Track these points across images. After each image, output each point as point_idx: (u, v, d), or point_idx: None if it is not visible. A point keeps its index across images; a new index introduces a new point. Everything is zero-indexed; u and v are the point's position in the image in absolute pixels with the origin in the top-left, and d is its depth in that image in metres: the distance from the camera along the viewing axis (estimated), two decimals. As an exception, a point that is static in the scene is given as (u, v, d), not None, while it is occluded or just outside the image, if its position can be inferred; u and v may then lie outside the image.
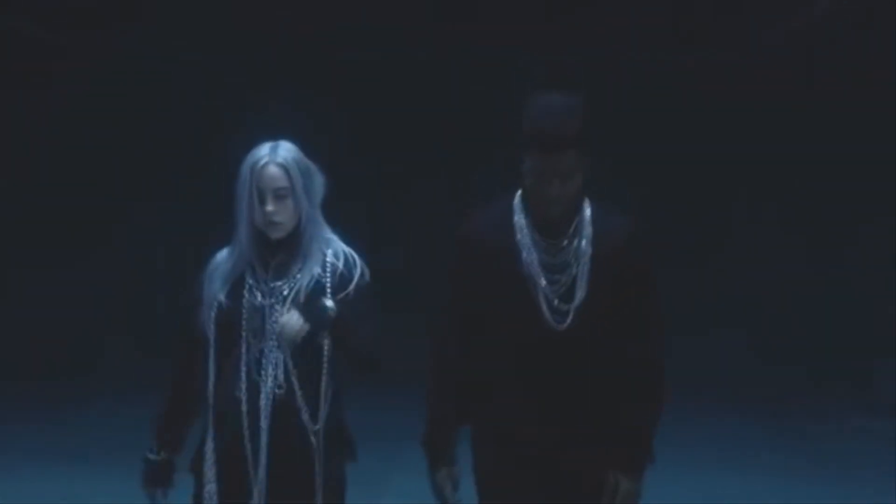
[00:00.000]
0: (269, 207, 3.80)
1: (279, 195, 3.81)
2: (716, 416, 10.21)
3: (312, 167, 3.90)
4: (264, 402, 3.84)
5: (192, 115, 9.23)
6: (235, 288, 3.88)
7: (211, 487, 3.92)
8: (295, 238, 3.91)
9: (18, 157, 9.61)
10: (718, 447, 9.58)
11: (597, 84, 9.17)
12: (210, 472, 3.90)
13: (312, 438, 3.84)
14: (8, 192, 9.78)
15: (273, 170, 3.83)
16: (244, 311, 3.84)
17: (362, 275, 3.91)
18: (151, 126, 9.62)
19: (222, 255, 3.99)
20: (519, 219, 3.88)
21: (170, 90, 9.80)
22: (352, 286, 3.86)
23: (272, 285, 3.87)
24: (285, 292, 3.87)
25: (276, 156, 3.84)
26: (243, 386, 3.83)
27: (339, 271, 3.90)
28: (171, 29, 9.38)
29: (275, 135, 4.04)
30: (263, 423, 3.83)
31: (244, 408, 3.83)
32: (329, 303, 3.80)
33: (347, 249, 3.96)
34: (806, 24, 9.27)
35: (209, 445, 3.89)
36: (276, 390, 3.83)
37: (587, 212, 3.88)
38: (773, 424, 9.99)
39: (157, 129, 9.47)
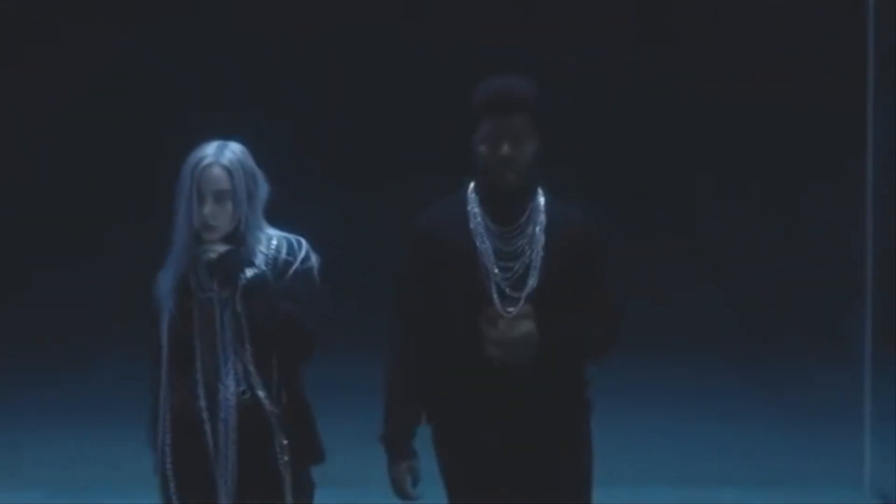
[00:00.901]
0: (207, 209, 3.71)
1: (219, 198, 3.73)
2: (694, 367, 10.12)
3: (257, 171, 3.83)
4: (225, 407, 3.75)
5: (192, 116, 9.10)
6: (183, 300, 3.82)
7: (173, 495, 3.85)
8: (234, 241, 3.81)
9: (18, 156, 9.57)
10: (694, 396, 9.53)
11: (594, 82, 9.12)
12: (172, 481, 3.82)
13: (277, 444, 3.78)
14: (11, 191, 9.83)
15: (216, 171, 3.75)
16: (196, 323, 3.77)
17: (306, 259, 3.83)
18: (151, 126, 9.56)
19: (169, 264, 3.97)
20: (472, 207, 3.87)
21: (170, 90, 9.75)
22: (291, 270, 3.79)
23: (220, 294, 3.77)
24: (235, 293, 3.77)
25: (222, 157, 3.76)
26: (202, 394, 3.75)
27: (280, 259, 3.81)
28: (171, 29, 9.34)
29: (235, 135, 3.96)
30: (228, 428, 3.75)
31: (205, 415, 3.75)
32: (250, 272, 3.73)
33: (292, 237, 3.90)
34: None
35: (167, 454, 3.81)
36: (239, 395, 3.76)
37: (541, 200, 3.88)
38: (746, 375, 10.01)
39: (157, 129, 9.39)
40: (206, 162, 3.77)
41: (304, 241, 3.90)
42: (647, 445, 7.15)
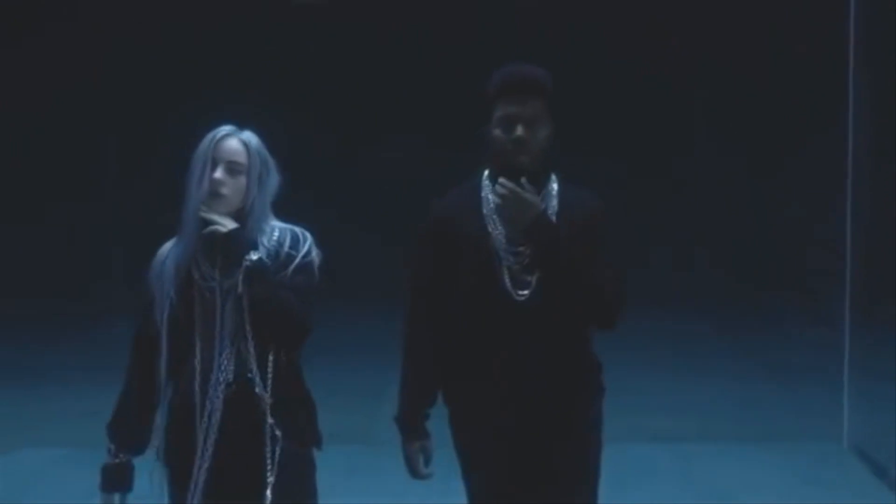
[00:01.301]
0: (219, 174, 3.57)
1: (232, 168, 3.60)
2: (680, 327, 10.34)
3: (272, 162, 3.71)
4: (213, 397, 3.61)
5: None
6: (184, 285, 3.67)
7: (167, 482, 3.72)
8: (241, 223, 3.66)
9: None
10: (680, 355, 9.68)
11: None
12: (166, 474, 3.69)
13: (267, 429, 3.63)
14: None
15: (234, 143, 3.62)
16: (196, 311, 3.63)
17: (308, 253, 3.68)
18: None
19: (167, 248, 3.77)
20: (486, 193, 3.82)
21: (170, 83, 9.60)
22: (293, 265, 3.65)
23: (223, 282, 3.62)
24: (236, 282, 3.61)
25: (241, 133, 3.64)
26: (197, 382, 3.61)
27: (282, 252, 3.66)
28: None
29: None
30: (216, 417, 3.61)
31: (198, 403, 3.60)
32: (254, 255, 3.58)
33: (297, 230, 3.76)
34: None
35: (162, 441, 3.69)
36: (226, 386, 3.61)
37: (553, 186, 3.82)
38: (730, 335, 10.17)
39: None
40: (224, 132, 3.66)
41: (308, 235, 3.76)
42: (632, 403, 7.24)
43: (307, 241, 3.69)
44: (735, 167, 9.47)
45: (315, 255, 3.69)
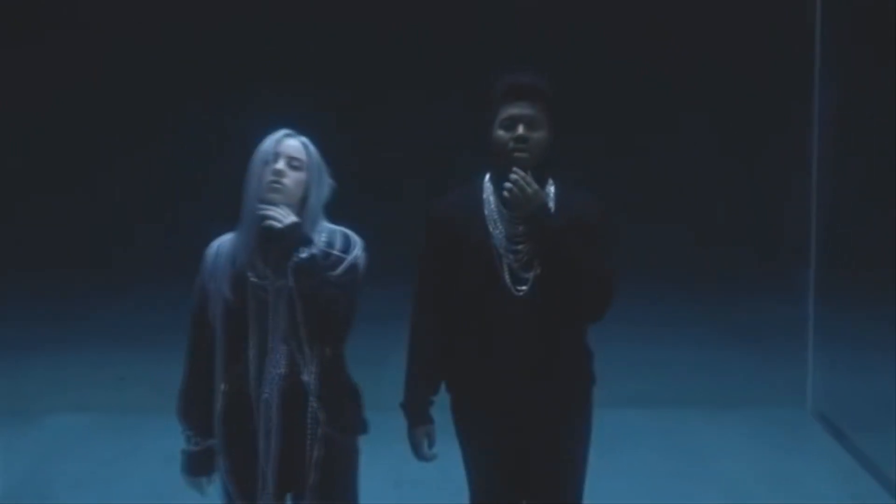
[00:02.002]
0: (279, 165, 3.58)
1: (293, 164, 3.61)
2: (652, 295, 10.23)
3: (325, 168, 3.71)
4: (269, 388, 3.64)
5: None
6: (239, 282, 3.65)
7: (226, 470, 3.71)
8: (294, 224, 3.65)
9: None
10: (657, 323, 9.71)
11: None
12: (226, 460, 3.70)
13: (316, 417, 3.66)
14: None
15: (295, 142, 3.65)
16: (249, 308, 3.63)
17: (356, 257, 3.68)
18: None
19: (223, 243, 3.77)
20: (487, 195, 3.82)
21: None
22: (342, 266, 3.65)
23: (276, 282, 3.61)
24: (288, 283, 3.59)
25: (300, 136, 3.67)
26: (251, 374, 3.63)
27: (333, 255, 3.66)
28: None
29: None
30: (273, 406, 3.63)
31: (253, 394, 3.63)
32: (304, 253, 3.57)
33: (349, 232, 3.76)
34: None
35: (224, 434, 3.69)
36: (280, 378, 3.63)
37: (551, 189, 3.82)
38: (699, 303, 10.15)
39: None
40: (285, 132, 3.68)
41: (358, 239, 3.76)
42: (602, 369, 7.39)
43: (357, 245, 3.69)
44: (706, 147, 9.44)
45: (363, 258, 3.69)
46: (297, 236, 3.53)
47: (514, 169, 3.63)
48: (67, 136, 9.16)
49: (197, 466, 3.70)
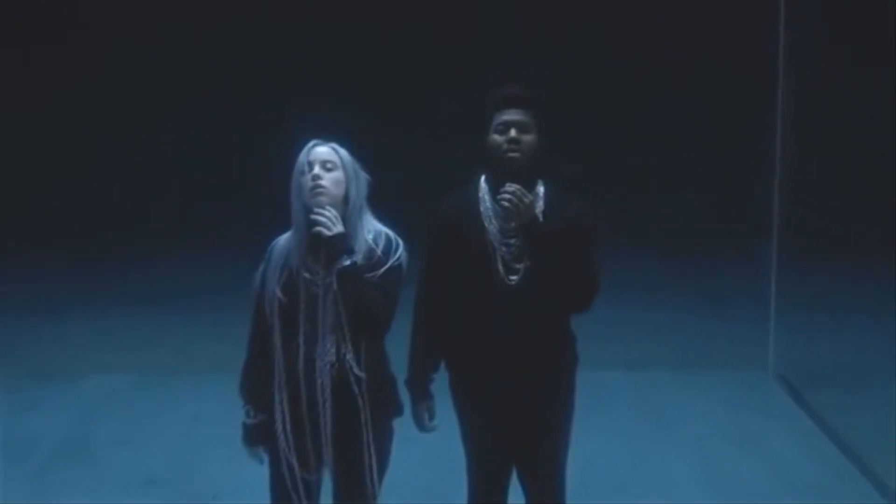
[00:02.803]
0: (316, 170, 3.65)
1: (327, 167, 3.68)
2: (631, 261, 9.97)
3: (359, 166, 3.76)
4: (321, 375, 3.72)
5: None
6: (291, 281, 3.73)
7: (286, 450, 3.78)
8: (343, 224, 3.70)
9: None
10: (625, 283, 9.19)
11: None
12: (282, 434, 3.77)
13: (360, 402, 3.74)
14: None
15: (323, 148, 3.71)
16: (301, 302, 3.71)
17: (398, 258, 3.74)
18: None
19: (280, 244, 3.84)
20: (483, 195, 3.92)
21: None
22: (385, 268, 3.71)
23: (326, 277, 3.68)
24: (336, 280, 3.66)
25: (328, 142, 3.73)
26: (301, 361, 3.71)
27: (376, 256, 3.71)
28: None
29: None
30: (323, 391, 3.72)
31: (303, 381, 3.72)
32: (347, 260, 3.62)
33: (392, 235, 3.81)
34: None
35: (280, 411, 3.77)
36: (330, 366, 3.71)
37: (540, 189, 3.91)
38: (672, 272, 10.04)
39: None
40: (314, 143, 3.74)
41: (400, 241, 3.81)
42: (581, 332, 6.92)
43: (399, 247, 3.75)
44: (679, 128, 9.29)
45: (404, 259, 3.75)
46: (342, 244, 3.58)
47: (509, 183, 3.72)
48: (99, 114, 9.00)
49: (254, 437, 3.83)
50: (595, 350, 4.18)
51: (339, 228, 3.58)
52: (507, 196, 3.74)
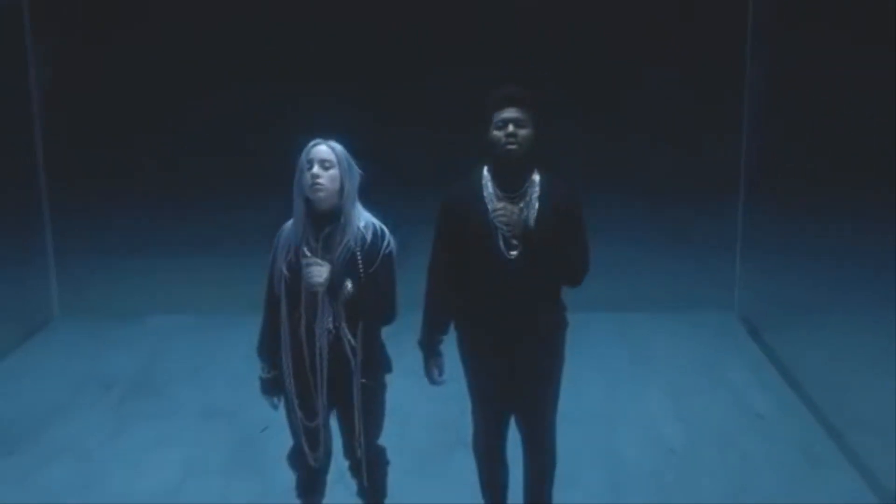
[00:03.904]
0: (315, 170, 3.81)
1: (324, 166, 3.83)
2: (612, 200, 9.31)
3: (352, 161, 3.91)
4: (319, 340, 3.93)
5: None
6: (295, 260, 3.91)
7: (290, 393, 4.06)
8: (337, 213, 3.89)
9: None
10: (610, 226, 8.53)
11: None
12: (289, 387, 4.04)
13: (353, 361, 3.97)
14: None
15: (322, 147, 3.87)
16: (303, 279, 3.87)
17: (387, 246, 3.94)
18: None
19: (287, 228, 4.01)
20: (486, 182, 4.06)
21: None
22: (378, 260, 3.92)
23: (324, 258, 3.86)
24: (332, 259, 3.87)
25: (327, 141, 3.89)
26: (303, 330, 3.93)
27: (367, 246, 3.90)
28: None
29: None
30: (320, 354, 3.95)
31: (305, 345, 3.94)
32: (349, 286, 3.86)
33: (377, 224, 3.97)
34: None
35: (286, 369, 4.02)
36: (328, 332, 3.92)
37: (536, 177, 4.05)
38: (647, 212, 9.29)
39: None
40: (314, 142, 3.89)
41: (386, 230, 3.98)
42: None
43: (386, 236, 3.96)
44: (652, 83, 8.44)
45: (394, 246, 3.96)
46: (340, 280, 3.83)
47: (496, 204, 3.94)
48: (160, 72, 8.16)
49: (269, 388, 4.11)
50: (579, 292, 4.34)
51: (325, 275, 3.79)
52: (499, 215, 3.93)
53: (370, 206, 4.06)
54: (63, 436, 5.88)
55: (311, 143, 3.91)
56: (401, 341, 4.36)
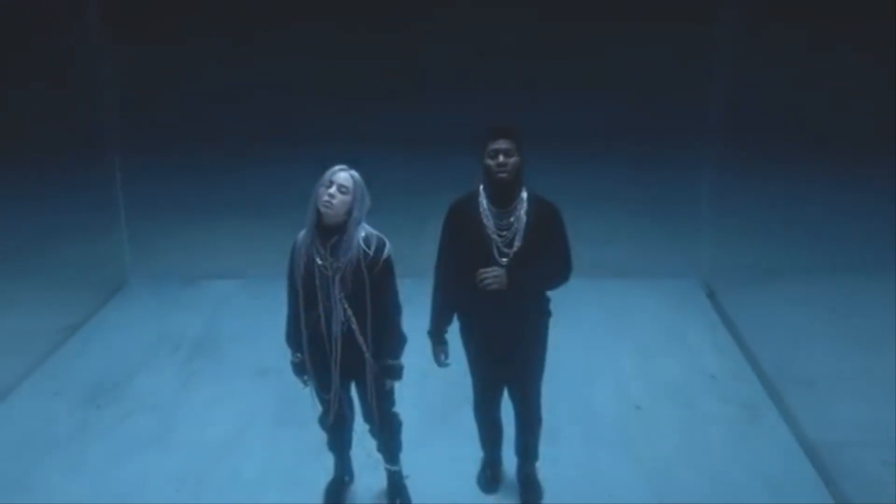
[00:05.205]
0: (332, 190, 3.93)
1: (341, 190, 3.95)
2: (590, 163, 9.26)
3: (366, 191, 4.04)
4: (335, 331, 4.11)
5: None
6: (309, 265, 4.06)
7: (310, 373, 4.30)
8: (343, 229, 4.02)
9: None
10: (588, 187, 8.71)
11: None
12: (310, 367, 4.29)
13: (363, 348, 4.17)
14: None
15: (345, 175, 4.00)
16: (317, 280, 4.05)
17: (386, 256, 4.08)
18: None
19: (301, 236, 4.13)
20: (482, 199, 4.20)
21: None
22: (378, 266, 4.06)
23: (333, 264, 4.01)
24: (340, 266, 4.03)
25: (350, 170, 4.02)
26: (322, 322, 4.12)
27: (369, 255, 4.03)
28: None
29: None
30: (335, 342, 4.14)
31: (324, 334, 4.14)
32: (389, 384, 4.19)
33: (376, 234, 4.09)
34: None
35: (307, 355, 4.26)
36: (341, 324, 4.11)
37: (524, 195, 4.19)
38: (622, 175, 9.26)
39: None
40: (339, 167, 4.00)
41: (385, 240, 4.11)
42: None
43: (385, 245, 4.09)
44: (624, 48, 8.03)
45: (391, 253, 4.10)
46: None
47: (486, 272, 4.09)
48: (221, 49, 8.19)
49: (297, 370, 4.36)
50: None
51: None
52: (487, 282, 4.10)
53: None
54: (141, 392, 6.09)
55: (337, 167, 4.02)
56: (424, 312, 4.52)
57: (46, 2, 7.60)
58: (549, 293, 4.40)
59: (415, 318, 4.46)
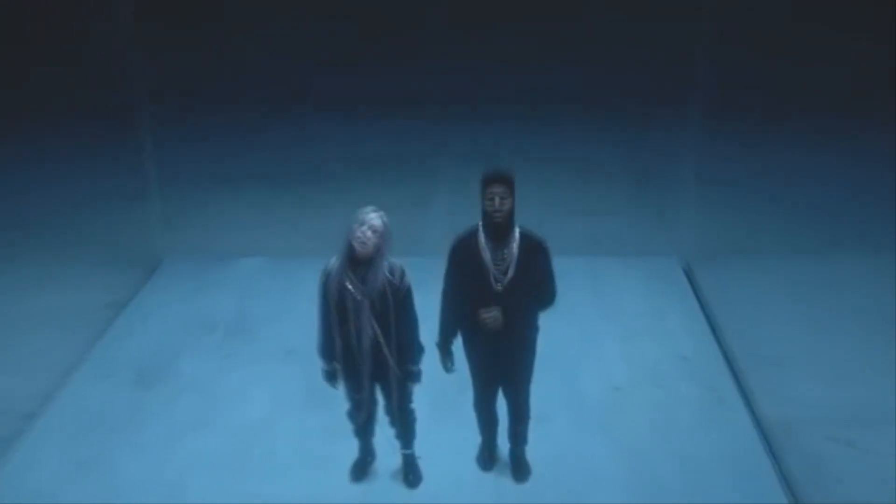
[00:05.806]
0: (364, 229, 4.27)
1: (373, 229, 4.29)
2: (580, 135, 9.72)
3: (391, 232, 4.36)
4: (365, 346, 4.49)
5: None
6: (342, 290, 4.37)
7: (342, 381, 4.66)
8: (371, 261, 4.33)
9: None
10: (578, 160, 9.29)
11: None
12: (343, 372, 4.64)
13: (390, 359, 4.54)
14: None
15: (377, 219, 4.35)
16: (349, 303, 4.38)
17: (407, 284, 4.43)
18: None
19: (332, 263, 4.43)
20: (481, 234, 4.50)
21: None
22: (401, 293, 4.40)
23: (361, 289, 4.34)
24: (369, 292, 4.34)
25: (382, 215, 4.35)
26: (353, 338, 4.48)
27: (395, 283, 4.37)
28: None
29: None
30: (365, 354, 4.51)
31: (355, 349, 4.50)
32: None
33: (398, 265, 4.41)
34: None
35: (341, 364, 4.61)
36: (370, 338, 4.44)
37: (516, 232, 4.50)
38: (610, 151, 9.55)
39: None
40: (373, 211, 4.32)
41: (405, 268, 4.44)
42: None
43: (405, 273, 4.45)
44: (615, 22, 8.21)
45: (410, 280, 4.45)
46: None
47: (485, 313, 4.41)
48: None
49: (330, 377, 4.70)
50: (555, 236, 4.57)
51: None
52: (486, 323, 4.43)
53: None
54: (182, 373, 6.23)
55: (369, 208, 4.33)
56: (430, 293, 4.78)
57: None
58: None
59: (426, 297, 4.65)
